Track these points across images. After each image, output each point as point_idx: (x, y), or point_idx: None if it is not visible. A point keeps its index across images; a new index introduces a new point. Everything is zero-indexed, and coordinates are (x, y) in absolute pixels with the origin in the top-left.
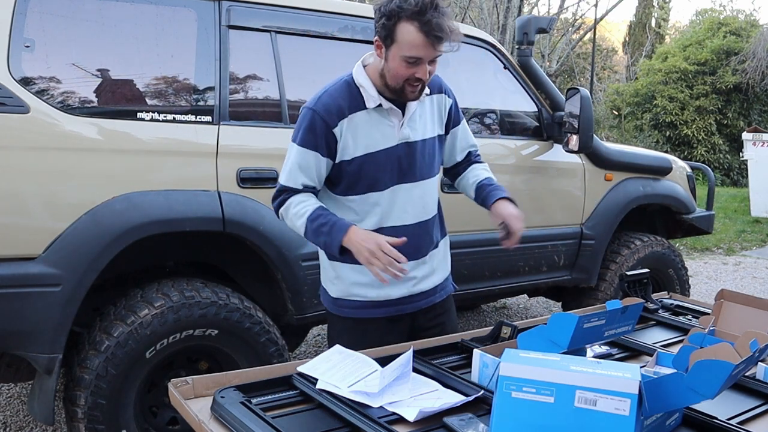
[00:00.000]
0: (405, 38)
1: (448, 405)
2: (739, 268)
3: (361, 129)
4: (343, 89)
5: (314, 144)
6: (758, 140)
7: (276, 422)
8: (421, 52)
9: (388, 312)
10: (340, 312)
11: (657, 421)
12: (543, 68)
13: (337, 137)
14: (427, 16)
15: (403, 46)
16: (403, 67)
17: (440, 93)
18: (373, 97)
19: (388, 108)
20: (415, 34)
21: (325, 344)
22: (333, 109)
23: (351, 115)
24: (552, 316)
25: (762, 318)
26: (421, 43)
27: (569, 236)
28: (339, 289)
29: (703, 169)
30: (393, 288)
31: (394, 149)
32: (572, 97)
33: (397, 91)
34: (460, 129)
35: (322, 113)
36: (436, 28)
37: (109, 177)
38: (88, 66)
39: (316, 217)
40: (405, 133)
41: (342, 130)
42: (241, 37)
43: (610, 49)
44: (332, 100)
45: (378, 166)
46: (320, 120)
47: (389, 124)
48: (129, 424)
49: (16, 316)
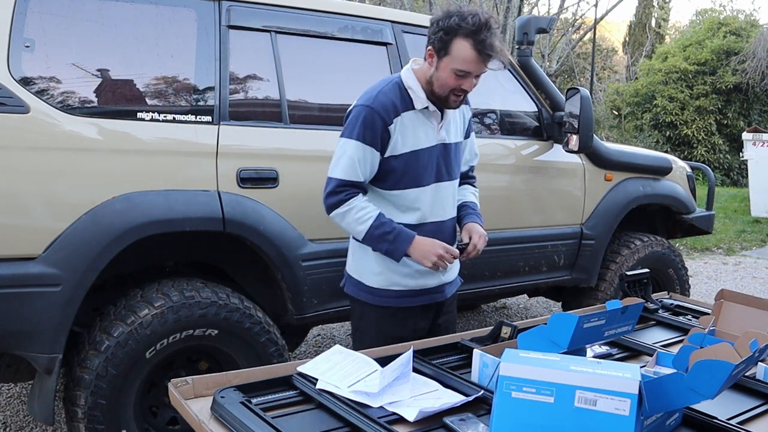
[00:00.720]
0: (459, 53)
1: (448, 405)
2: (739, 268)
3: (409, 128)
4: (395, 89)
5: (371, 140)
6: (758, 140)
7: (276, 422)
8: (471, 67)
9: (422, 301)
10: (381, 302)
11: (657, 421)
12: (543, 68)
13: (390, 133)
14: (482, 35)
15: (455, 60)
16: (452, 79)
17: (465, 104)
18: (421, 99)
19: (432, 111)
20: (469, 50)
21: (325, 344)
22: (389, 107)
23: (402, 114)
24: (552, 316)
25: (762, 318)
26: (473, 59)
27: (569, 236)
28: (380, 280)
29: (703, 169)
30: (429, 278)
31: (434, 149)
32: (572, 97)
33: (442, 99)
34: (470, 141)
35: (380, 110)
36: (488, 47)
37: (109, 177)
38: (88, 66)
39: (379, 225)
40: (442, 135)
41: (396, 127)
42: (241, 37)
43: (610, 49)
44: (387, 99)
45: (421, 164)
46: (378, 117)
47: (431, 126)
48: (129, 424)
49: (16, 316)
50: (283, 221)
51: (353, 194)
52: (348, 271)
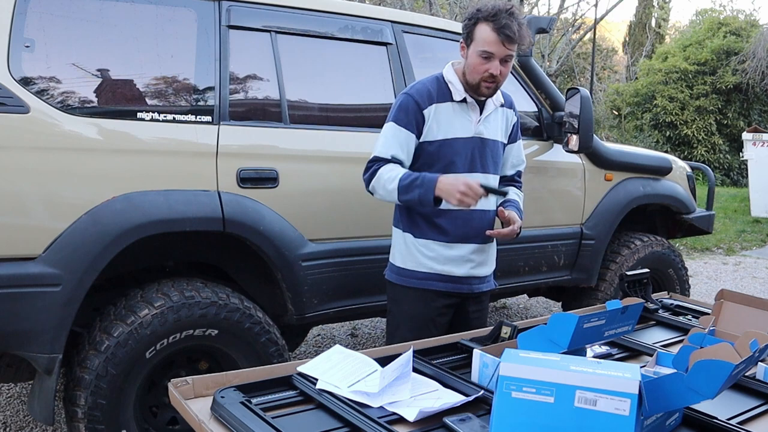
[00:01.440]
0: (481, 36)
1: (448, 405)
2: (739, 268)
3: (444, 117)
4: (434, 82)
5: (406, 122)
6: (758, 140)
7: (276, 422)
8: (493, 48)
9: (446, 287)
10: (405, 282)
11: (657, 421)
12: (543, 68)
13: (425, 118)
14: (500, 18)
15: (479, 43)
16: (479, 62)
17: (510, 108)
18: (459, 91)
19: (470, 103)
20: (489, 32)
21: (325, 344)
22: (424, 94)
23: (438, 104)
24: (552, 316)
25: (762, 318)
26: (493, 41)
27: (569, 236)
28: (407, 260)
29: (703, 169)
30: (455, 266)
31: (470, 140)
32: (572, 97)
33: (474, 87)
34: (516, 146)
35: (415, 96)
36: (506, 27)
37: (109, 177)
38: (88, 66)
39: (407, 176)
40: (480, 129)
41: (430, 114)
42: (241, 37)
43: (610, 49)
44: (424, 88)
45: (454, 152)
46: (413, 101)
47: (468, 119)
48: (129, 424)
49: (16, 316)
50: (283, 221)
51: (381, 165)
52: (390, 258)
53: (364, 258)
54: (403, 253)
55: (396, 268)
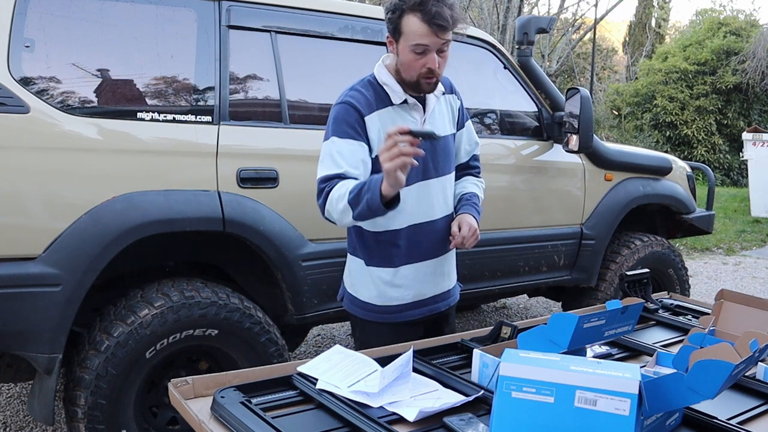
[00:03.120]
0: (410, 29)
1: (448, 405)
2: (739, 268)
3: (389, 125)
4: (367, 87)
5: (346, 132)
6: (758, 140)
7: (276, 422)
8: (426, 40)
9: (423, 313)
10: (379, 318)
11: (657, 421)
12: (543, 68)
13: (368, 126)
14: (428, 5)
15: (409, 37)
16: (413, 58)
17: (451, 93)
18: (398, 93)
19: (412, 104)
20: (418, 24)
21: (325, 344)
22: (363, 101)
23: (379, 111)
24: (552, 316)
25: (762, 318)
26: (425, 32)
27: (569, 236)
28: (376, 296)
29: (703, 169)
30: (425, 287)
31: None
32: (572, 97)
33: (413, 84)
34: (465, 131)
35: (354, 103)
36: (437, 16)
37: (109, 177)
38: (88, 66)
39: (354, 188)
40: (428, 129)
41: (373, 122)
42: (241, 37)
43: (610, 49)
44: (360, 95)
45: None
46: (352, 109)
47: (412, 121)
48: (129, 424)
49: (16, 316)
50: (283, 221)
51: (332, 185)
52: (345, 285)
53: None
54: (369, 287)
55: (360, 302)
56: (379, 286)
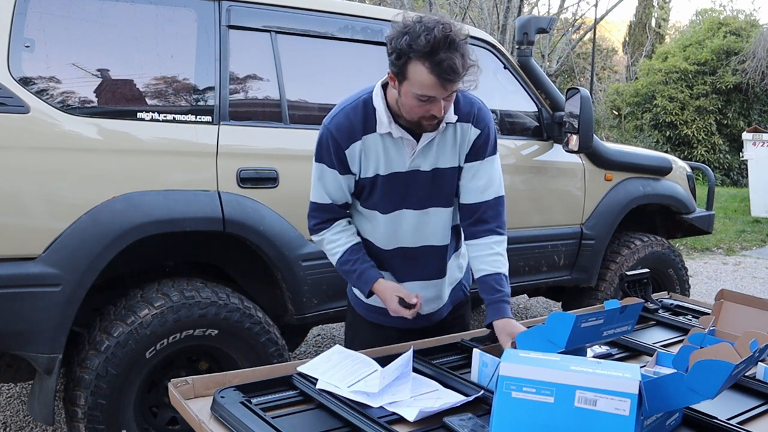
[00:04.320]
0: (416, 78)
1: (448, 405)
2: (739, 268)
3: (373, 151)
4: (359, 109)
5: (330, 161)
6: (758, 140)
7: (276, 422)
8: (432, 92)
9: (395, 323)
10: (358, 310)
11: (657, 421)
12: (543, 68)
13: (349, 158)
14: (439, 56)
15: (414, 85)
16: (416, 104)
17: (468, 122)
18: (384, 124)
19: (399, 137)
20: (426, 75)
21: (325, 344)
22: (345, 130)
23: (365, 137)
24: (550, 316)
25: (762, 318)
26: (432, 84)
27: (569, 236)
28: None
29: (703, 169)
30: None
31: (402, 176)
32: (572, 97)
33: (414, 124)
34: (477, 166)
35: (334, 133)
36: (447, 70)
37: (109, 177)
38: (88, 66)
39: (345, 262)
40: (416, 163)
41: (354, 152)
42: (241, 37)
43: (610, 49)
44: (347, 121)
45: (383, 190)
46: (333, 140)
47: (401, 152)
48: (129, 424)
49: (16, 316)
50: (283, 221)
51: (326, 225)
52: None
53: None
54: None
55: (350, 287)
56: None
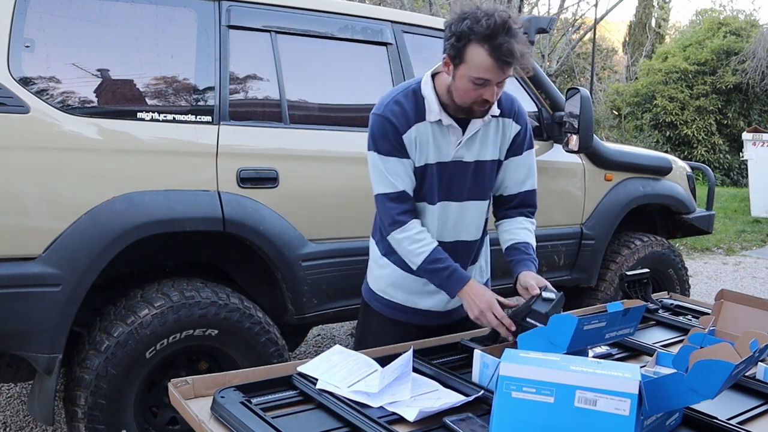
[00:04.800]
0: (474, 60)
1: (448, 405)
2: (739, 268)
3: (423, 139)
4: (410, 97)
5: (387, 149)
6: (758, 140)
7: (276, 422)
8: (489, 74)
9: (413, 319)
10: (373, 305)
11: (657, 421)
12: (543, 68)
13: (407, 143)
14: (498, 40)
15: (471, 68)
16: (471, 88)
17: (510, 117)
18: (434, 111)
19: (448, 125)
20: (484, 57)
21: (325, 344)
22: (399, 115)
23: (417, 125)
24: (551, 318)
25: (762, 318)
26: (490, 67)
27: (569, 236)
28: (377, 284)
29: (703, 169)
30: (421, 298)
31: (447, 165)
32: (572, 97)
33: (465, 109)
34: (518, 160)
35: (391, 118)
36: (506, 53)
37: (109, 177)
38: (88, 66)
39: (433, 261)
40: (460, 153)
41: (410, 138)
42: (241, 37)
43: (610, 49)
44: (399, 107)
45: (430, 179)
46: (389, 125)
47: (447, 141)
48: (129, 424)
49: (16, 316)
50: (283, 221)
51: (407, 217)
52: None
53: (364, 258)
54: (372, 269)
55: (366, 282)
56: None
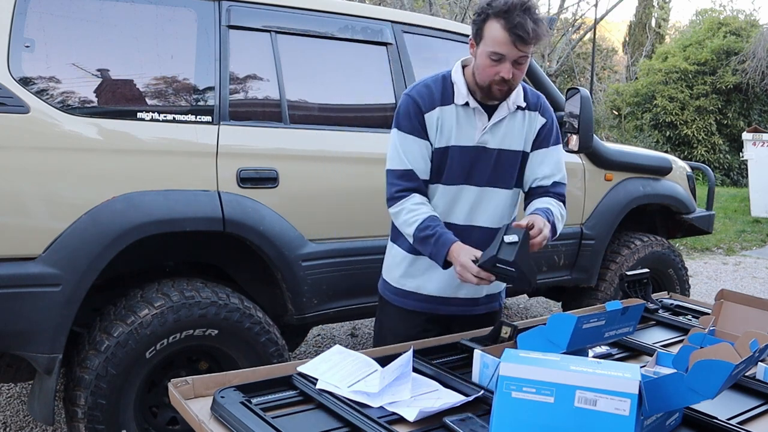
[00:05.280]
0: (490, 34)
1: (448, 405)
2: (739, 268)
3: (447, 122)
4: (438, 82)
5: (410, 127)
6: (758, 140)
7: (276, 422)
8: (504, 49)
9: (421, 306)
10: (385, 296)
11: (657, 421)
12: (543, 68)
13: (428, 122)
14: (513, 15)
15: (488, 42)
16: (488, 64)
17: (536, 111)
18: (462, 94)
19: (474, 108)
20: (499, 31)
21: (325, 344)
22: (426, 96)
23: (442, 107)
24: (551, 317)
25: (762, 318)
26: (504, 41)
27: (569, 236)
28: (388, 273)
29: (703, 169)
30: (431, 284)
31: (469, 150)
32: (572, 97)
33: (485, 89)
34: (544, 153)
35: (416, 98)
36: (519, 27)
37: (109, 177)
38: (88, 66)
39: (424, 228)
40: (484, 138)
41: (434, 118)
42: (241, 37)
43: (610, 49)
44: (426, 90)
45: (451, 161)
46: (414, 104)
47: (473, 125)
48: (129, 424)
49: (16, 316)
50: (283, 221)
51: (406, 193)
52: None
53: (364, 258)
54: (387, 260)
55: (382, 279)
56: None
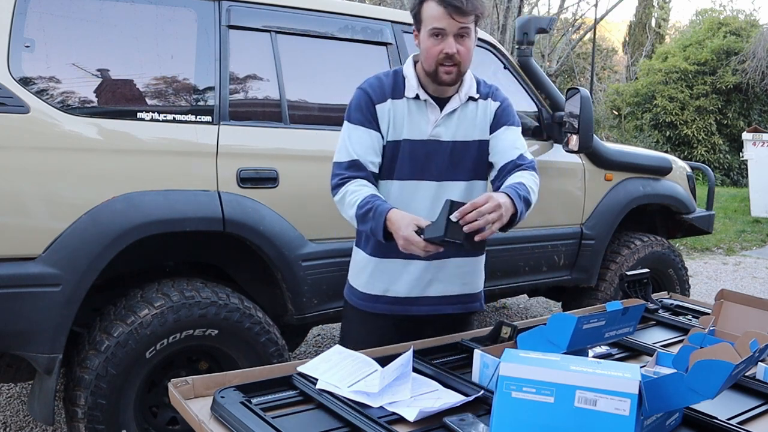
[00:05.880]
0: (428, 14)
1: (448, 405)
2: (739, 268)
3: (399, 115)
4: (390, 76)
5: (360, 119)
6: (758, 140)
7: (276, 422)
8: (442, 23)
9: (391, 310)
10: (352, 301)
11: (657, 421)
12: (543, 68)
13: (379, 114)
14: None
15: (427, 22)
16: (432, 44)
17: (487, 99)
18: (412, 86)
19: (425, 100)
20: (435, 7)
21: (325, 344)
22: (377, 88)
23: (393, 100)
24: (551, 317)
25: (762, 318)
26: (440, 15)
27: (569, 236)
28: (353, 278)
29: (703, 169)
30: (399, 285)
31: (422, 144)
32: (572, 97)
33: (433, 74)
34: (502, 132)
35: (368, 90)
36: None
37: (109, 177)
38: (88, 66)
39: (364, 204)
40: (437, 131)
41: (384, 111)
42: (241, 37)
43: (610, 49)
44: (378, 82)
45: (402, 155)
46: (365, 96)
47: (425, 119)
48: (129, 424)
49: (16, 316)
50: (283, 221)
51: (347, 180)
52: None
53: None
54: (352, 266)
55: (348, 285)
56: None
